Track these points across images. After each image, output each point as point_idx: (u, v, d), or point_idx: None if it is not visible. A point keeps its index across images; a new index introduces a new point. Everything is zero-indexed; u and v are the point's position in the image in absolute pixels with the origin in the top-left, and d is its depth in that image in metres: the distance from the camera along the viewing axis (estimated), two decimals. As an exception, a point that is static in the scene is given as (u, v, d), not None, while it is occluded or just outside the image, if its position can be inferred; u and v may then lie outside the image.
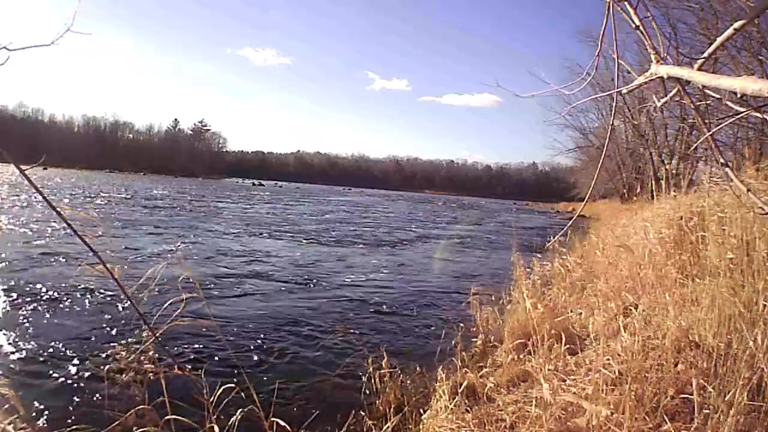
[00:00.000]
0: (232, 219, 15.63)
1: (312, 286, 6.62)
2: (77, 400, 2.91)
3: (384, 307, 5.71)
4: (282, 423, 2.09)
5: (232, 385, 2.22)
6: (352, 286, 6.76)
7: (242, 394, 2.24)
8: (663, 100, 1.16)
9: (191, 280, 2.49)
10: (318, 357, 3.97)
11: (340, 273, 7.67)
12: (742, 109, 1.02)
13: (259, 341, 4.21)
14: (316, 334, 4.51)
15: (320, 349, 4.14)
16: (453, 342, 3.17)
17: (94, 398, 2.89)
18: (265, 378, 3.43)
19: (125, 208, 16.39)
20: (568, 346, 2.91)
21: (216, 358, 3.72)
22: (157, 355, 2.97)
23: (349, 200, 39.04)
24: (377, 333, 4.72)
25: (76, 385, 3.11)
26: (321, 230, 14.07)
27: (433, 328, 4.80)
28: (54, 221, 9.96)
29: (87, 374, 3.24)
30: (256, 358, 3.87)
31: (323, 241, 11.66)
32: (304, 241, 11.38)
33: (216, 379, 2.64)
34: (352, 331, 4.62)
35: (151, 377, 2.52)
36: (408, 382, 3.03)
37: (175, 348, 3.77)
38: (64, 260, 6.72)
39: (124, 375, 2.85)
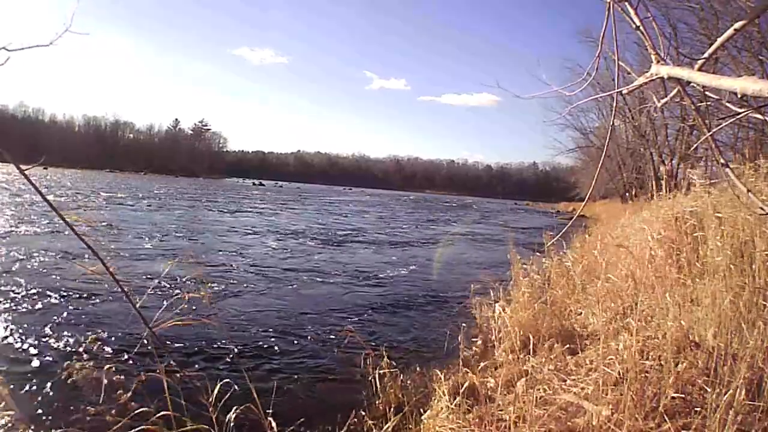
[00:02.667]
0: (232, 219, 15.64)
1: (311, 285, 6.62)
2: (75, 399, 2.91)
3: (384, 306, 5.71)
4: (281, 423, 2.09)
5: (232, 384, 2.22)
6: (351, 286, 6.76)
7: (242, 393, 2.25)
8: (663, 101, 1.16)
9: (191, 280, 2.49)
10: (318, 357, 3.97)
11: (340, 273, 7.67)
12: (742, 110, 1.02)
13: (258, 341, 4.21)
14: (315, 333, 4.52)
15: (320, 349, 4.14)
16: (453, 342, 3.17)
17: (93, 397, 2.88)
18: (264, 377, 3.43)
19: (125, 207, 16.39)
20: (568, 346, 2.91)
21: (216, 358, 3.73)
22: (156, 354, 2.97)
23: (349, 200, 39.03)
24: (377, 333, 4.73)
25: (74, 384, 3.11)
26: (321, 230, 14.07)
27: (433, 327, 4.80)
28: (53, 221, 9.97)
29: (85, 373, 3.23)
30: (255, 357, 3.87)
31: (323, 240, 11.66)
32: (304, 240, 11.38)
33: (215, 378, 2.64)
34: (352, 330, 4.61)
35: (151, 376, 2.52)
36: (408, 382, 3.03)
37: (176, 347, 3.77)
38: (64, 260, 6.72)
39: (123, 374, 2.85)
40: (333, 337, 4.44)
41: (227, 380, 2.26)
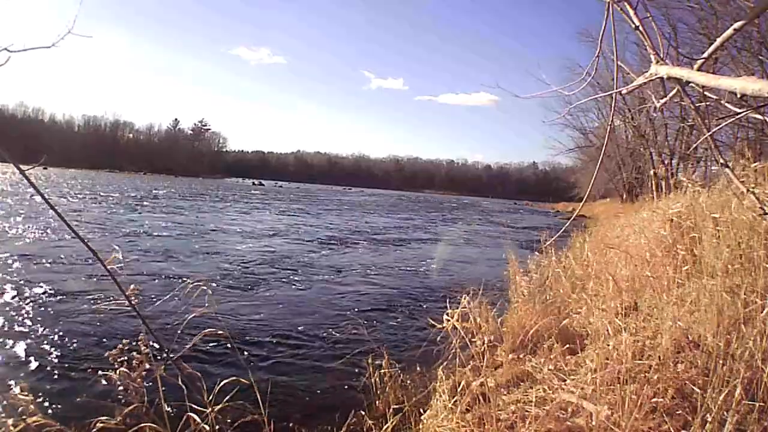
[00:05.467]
0: (233, 219, 15.63)
1: (311, 286, 6.62)
2: (76, 399, 2.91)
3: (384, 306, 5.72)
4: (281, 422, 2.09)
5: (233, 384, 2.22)
6: (351, 286, 6.76)
7: (242, 393, 2.25)
8: (663, 101, 1.16)
9: (191, 281, 2.49)
10: (318, 357, 3.97)
11: (339, 273, 7.67)
12: (741, 110, 1.02)
13: (259, 341, 4.21)
14: (315, 334, 4.52)
15: (320, 349, 4.14)
16: (453, 342, 3.17)
17: (93, 397, 2.89)
18: (265, 377, 3.43)
19: (126, 208, 16.38)
20: (567, 345, 2.91)
21: (217, 358, 3.73)
22: (157, 352, 2.97)
23: (349, 200, 39.02)
24: (377, 333, 4.72)
25: (74, 384, 3.11)
26: (321, 230, 14.07)
27: (432, 328, 4.79)
28: (53, 222, 9.96)
29: (86, 373, 3.24)
30: (255, 357, 3.87)
31: (322, 240, 11.66)
32: (304, 241, 11.38)
33: (216, 378, 2.64)
34: (352, 330, 4.62)
35: (152, 376, 2.52)
36: (408, 382, 3.03)
37: (176, 347, 3.77)
38: (64, 262, 6.72)
39: (125, 374, 2.84)
40: (333, 337, 4.44)
41: (227, 380, 2.26)
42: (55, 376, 3.22)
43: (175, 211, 16.72)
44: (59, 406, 2.81)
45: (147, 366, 2.49)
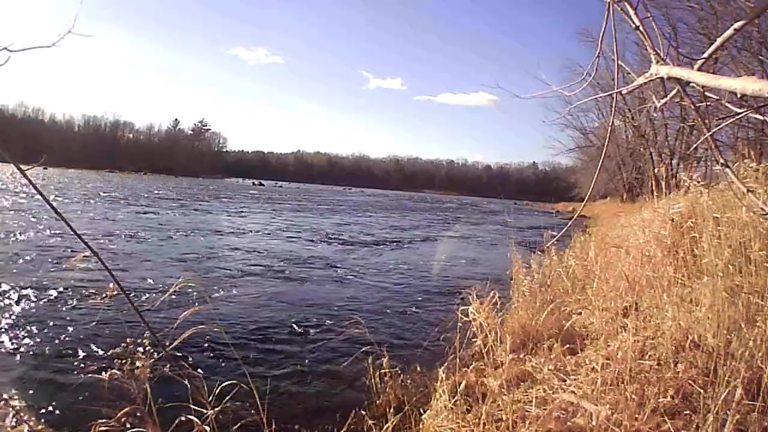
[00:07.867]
0: (234, 219, 15.64)
1: (312, 286, 6.62)
2: (75, 399, 2.90)
3: (384, 306, 5.71)
4: (281, 422, 2.09)
5: (232, 384, 2.22)
6: (352, 286, 6.76)
7: (242, 393, 2.24)
8: (663, 101, 1.16)
9: (190, 279, 2.49)
10: (318, 357, 3.97)
11: (340, 273, 7.67)
12: (741, 110, 1.02)
13: (259, 341, 4.21)
14: (316, 333, 4.52)
15: (320, 349, 4.14)
16: (453, 342, 3.17)
17: (88, 399, 2.88)
18: (265, 377, 3.43)
19: (126, 208, 16.39)
20: (568, 346, 2.91)
21: (216, 358, 3.73)
22: (156, 352, 2.97)
23: (349, 200, 39.01)
24: (378, 333, 4.72)
25: (73, 384, 3.11)
26: (320, 230, 14.07)
27: (433, 327, 4.80)
28: (52, 220, 9.97)
29: (85, 374, 3.23)
30: (256, 357, 3.87)
31: (322, 241, 11.66)
32: (304, 241, 11.38)
33: (216, 378, 2.65)
34: (352, 330, 4.62)
35: (151, 377, 2.52)
36: (408, 382, 3.03)
37: (176, 347, 3.77)
38: (65, 261, 6.72)
39: (119, 374, 2.84)
40: (333, 336, 4.44)
41: (227, 381, 2.26)
42: (49, 378, 3.21)
43: (176, 210, 16.72)
44: (53, 409, 2.81)
45: (145, 366, 2.49)
